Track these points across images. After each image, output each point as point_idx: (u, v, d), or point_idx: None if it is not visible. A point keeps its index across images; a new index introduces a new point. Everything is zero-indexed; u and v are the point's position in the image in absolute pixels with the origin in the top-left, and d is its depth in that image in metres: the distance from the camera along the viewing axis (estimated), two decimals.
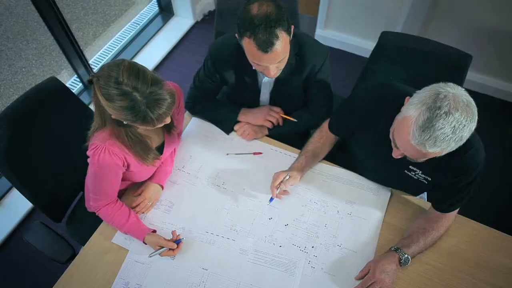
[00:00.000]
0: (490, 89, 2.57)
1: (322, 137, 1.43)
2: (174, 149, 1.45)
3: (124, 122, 1.07)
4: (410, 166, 1.22)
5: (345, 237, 1.28)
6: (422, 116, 0.93)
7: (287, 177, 1.30)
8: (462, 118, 0.91)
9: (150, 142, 1.24)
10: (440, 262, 1.23)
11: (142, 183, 1.37)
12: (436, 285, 1.19)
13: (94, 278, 1.20)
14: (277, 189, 1.30)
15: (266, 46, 1.12)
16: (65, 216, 1.56)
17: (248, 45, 1.16)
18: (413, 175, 1.23)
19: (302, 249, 1.25)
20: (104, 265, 1.23)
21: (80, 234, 1.53)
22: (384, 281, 1.13)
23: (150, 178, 1.37)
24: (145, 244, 1.23)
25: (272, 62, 1.18)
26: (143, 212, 1.33)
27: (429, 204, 1.31)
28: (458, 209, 1.24)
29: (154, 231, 1.27)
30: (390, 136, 1.08)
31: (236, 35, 1.21)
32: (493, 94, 2.59)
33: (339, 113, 1.40)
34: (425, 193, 1.47)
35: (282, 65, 1.25)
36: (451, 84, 0.96)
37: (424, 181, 1.22)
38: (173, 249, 1.21)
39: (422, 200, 1.38)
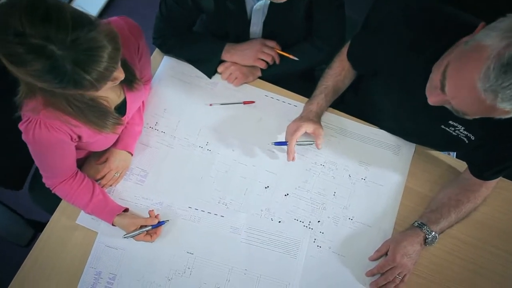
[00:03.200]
0: None
1: (344, 67, 1.12)
2: (143, 102, 1.14)
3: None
4: (451, 121, 0.93)
5: (358, 208, 1.08)
6: (511, 49, 0.61)
7: (312, 143, 1.06)
8: None
9: (106, 103, 0.93)
10: (468, 235, 1.04)
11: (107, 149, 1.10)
12: (461, 262, 1.02)
13: (59, 267, 1.02)
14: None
15: None
16: (26, 182, 1.32)
17: None
18: (452, 131, 0.95)
19: (306, 224, 1.06)
20: (70, 250, 1.03)
21: (46, 202, 1.29)
22: (406, 265, 0.95)
23: (115, 144, 1.09)
24: (115, 226, 1.02)
25: None
26: (110, 185, 1.09)
27: (461, 163, 1.06)
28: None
29: (127, 210, 1.05)
30: (435, 75, 0.77)
31: None
32: None
33: (360, 40, 1.08)
34: None
35: None
36: None
37: (465, 139, 0.94)
38: (150, 235, 1.01)
39: (451, 157, 1.13)
